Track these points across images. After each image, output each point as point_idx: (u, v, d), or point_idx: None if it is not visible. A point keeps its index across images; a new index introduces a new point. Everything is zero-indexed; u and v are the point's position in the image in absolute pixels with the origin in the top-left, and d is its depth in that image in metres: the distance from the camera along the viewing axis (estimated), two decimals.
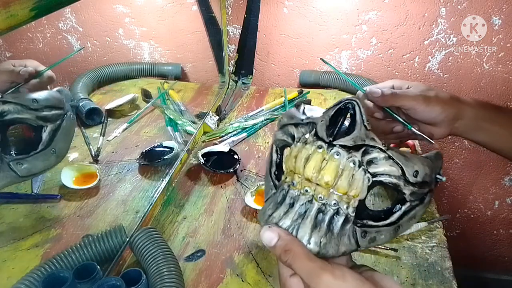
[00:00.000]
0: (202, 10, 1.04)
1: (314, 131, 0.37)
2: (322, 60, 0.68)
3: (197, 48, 1.14)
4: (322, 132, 0.36)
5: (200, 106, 1.07)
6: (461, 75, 1.12)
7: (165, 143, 0.84)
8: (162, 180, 0.76)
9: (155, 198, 0.71)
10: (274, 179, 0.43)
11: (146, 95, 0.98)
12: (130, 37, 1.07)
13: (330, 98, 1.10)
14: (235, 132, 0.96)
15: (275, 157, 0.43)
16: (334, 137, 0.35)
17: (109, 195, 0.71)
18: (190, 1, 1.08)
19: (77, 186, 0.69)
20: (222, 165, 0.81)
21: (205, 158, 0.81)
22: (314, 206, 0.35)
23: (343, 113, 0.37)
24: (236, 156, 0.83)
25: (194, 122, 0.96)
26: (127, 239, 0.59)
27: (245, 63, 1.17)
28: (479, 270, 1.47)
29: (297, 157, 0.36)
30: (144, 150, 0.81)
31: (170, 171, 0.78)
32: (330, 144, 0.35)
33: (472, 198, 1.33)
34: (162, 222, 0.70)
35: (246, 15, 1.10)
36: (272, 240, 0.34)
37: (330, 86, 1.15)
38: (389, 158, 0.35)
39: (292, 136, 0.40)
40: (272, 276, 0.59)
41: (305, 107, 0.44)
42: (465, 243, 1.42)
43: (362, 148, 0.35)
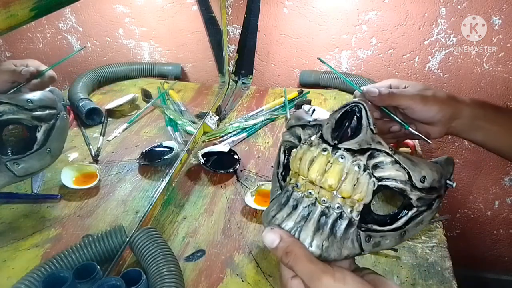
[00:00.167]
0: (202, 10, 1.04)
1: (320, 134, 0.36)
2: (319, 59, 0.68)
3: (197, 48, 1.14)
4: (327, 135, 0.36)
5: (200, 106, 1.07)
6: (461, 75, 1.12)
7: (165, 143, 0.84)
8: (162, 180, 0.76)
9: (155, 198, 0.71)
10: (281, 180, 0.43)
11: (146, 95, 0.98)
12: (130, 37, 1.07)
13: (330, 98, 1.10)
14: (235, 132, 0.96)
15: (283, 158, 0.43)
16: (340, 140, 0.35)
17: (109, 195, 0.71)
18: (190, 1, 1.08)
19: (77, 186, 0.69)
20: (222, 165, 0.81)
21: (205, 158, 0.81)
22: (317, 209, 0.35)
23: (349, 116, 0.37)
24: (236, 156, 0.83)
25: (194, 122, 0.96)
26: (127, 239, 0.59)
27: (245, 63, 1.17)
28: (479, 270, 1.47)
29: (301, 159, 0.36)
30: (144, 150, 0.81)
31: (170, 171, 0.78)
32: (335, 147, 0.35)
33: (472, 198, 1.33)
34: (162, 222, 0.70)
35: (246, 15, 1.10)
36: (274, 241, 0.34)
37: (330, 86, 1.15)
38: (395, 162, 0.34)
39: (298, 137, 0.40)
40: (272, 276, 0.59)
41: (314, 109, 0.44)
42: (465, 243, 1.42)
43: (368, 151, 0.35)
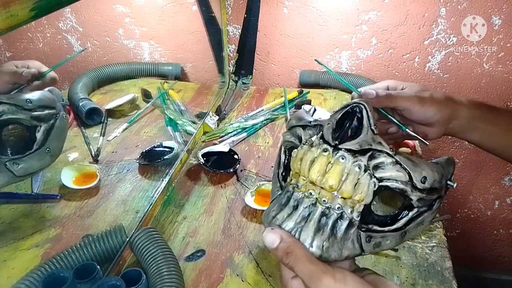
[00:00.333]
0: (202, 10, 1.04)
1: (321, 134, 0.36)
2: (316, 61, 0.68)
3: (197, 48, 1.14)
4: (328, 135, 0.36)
5: (200, 106, 1.07)
6: (461, 75, 1.12)
7: (165, 143, 0.84)
8: (162, 180, 0.76)
9: (155, 198, 0.71)
10: (281, 180, 0.43)
11: (146, 95, 0.98)
12: (130, 37, 1.07)
13: (330, 98, 1.10)
14: (235, 132, 0.96)
15: (283, 158, 0.43)
16: (340, 140, 0.35)
17: (109, 195, 0.71)
18: (190, 1, 1.08)
19: (77, 186, 0.69)
20: (222, 165, 0.81)
21: (205, 158, 0.81)
22: (318, 209, 0.35)
23: (350, 116, 0.36)
24: (236, 156, 0.83)
25: (194, 122, 0.96)
26: (127, 239, 0.59)
27: (245, 63, 1.17)
28: (479, 270, 1.47)
29: (302, 159, 0.36)
30: (144, 150, 0.81)
31: (170, 171, 0.78)
32: (336, 147, 0.35)
33: (472, 198, 1.33)
34: (162, 222, 0.70)
35: (246, 15, 1.10)
36: (274, 242, 0.34)
37: (330, 86, 1.15)
38: (396, 163, 0.34)
39: (299, 138, 0.40)
40: (272, 276, 0.59)
41: (315, 109, 0.44)
42: (465, 243, 1.42)
43: (368, 152, 0.35)
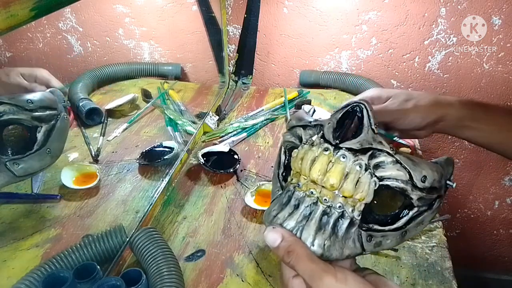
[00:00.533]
0: (202, 10, 1.04)
1: (321, 134, 0.37)
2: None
3: (197, 48, 1.14)
4: (329, 134, 0.36)
5: (200, 106, 1.07)
6: (461, 75, 1.12)
7: (165, 143, 0.84)
8: (162, 180, 0.76)
9: (155, 198, 0.71)
10: (281, 181, 0.43)
11: (146, 95, 0.98)
12: (130, 37, 1.07)
13: (330, 98, 1.10)
14: (235, 132, 0.96)
15: (283, 158, 0.43)
16: (341, 140, 0.35)
17: (109, 195, 0.71)
18: (190, 1, 1.08)
19: (77, 186, 0.69)
20: (222, 165, 0.81)
21: (205, 158, 0.81)
22: (319, 208, 0.35)
23: (351, 116, 0.37)
24: (236, 156, 0.83)
25: (194, 122, 0.96)
26: (127, 239, 0.59)
27: (245, 63, 1.17)
28: (479, 270, 1.47)
29: (303, 159, 0.36)
30: (144, 150, 0.81)
31: (170, 171, 0.78)
32: (337, 146, 0.35)
33: (472, 198, 1.33)
34: (162, 222, 0.70)
35: (246, 15, 1.10)
36: (275, 241, 0.34)
37: (330, 86, 1.15)
38: (396, 162, 0.35)
39: (300, 138, 0.40)
40: (272, 276, 0.59)
41: (315, 110, 0.44)
42: (465, 243, 1.42)
43: (369, 151, 0.35)
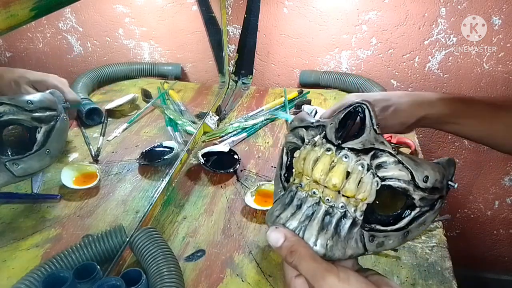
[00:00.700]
0: (202, 10, 1.04)
1: (324, 134, 0.37)
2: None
3: (197, 48, 1.14)
4: (331, 134, 0.36)
5: (200, 106, 1.07)
6: (461, 75, 1.12)
7: (165, 143, 0.84)
8: (162, 180, 0.76)
9: (155, 198, 0.71)
10: (284, 181, 0.43)
11: (146, 95, 0.98)
12: (130, 37, 1.07)
13: (330, 98, 1.10)
14: (235, 132, 0.96)
15: (285, 159, 0.43)
16: (343, 140, 0.35)
17: (109, 195, 0.71)
18: (190, 1, 1.08)
19: (77, 186, 0.69)
20: (222, 165, 0.81)
21: (205, 158, 0.81)
22: (322, 208, 0.35)
23: (353, 116, 0.37)
24: (236, 156, 0.83)
25: (194, 122, 0.96)
26: (127, 239, 0.59)
27: (245, 63, 1.17)
28: (479, 270, 1.47)
29: (305, 159, 0.36)
30: (144, 150, 0.81)
31: (170, 171, 0.78)
32: (339, 147, 0.35)
33: (472, 198, 1.33)
34: (162, 222, 0.70)
35: (246, 15, 1.10)
36: (278, 240, 0.34)
37: (330, 86, 1.15)
38: (398, 162, 0.35)
39: (302, 138, 0.40)
40: (272, 276, 0.59)
41: (317, 111, 0.43)
42: (465, 243, 1.42)
43: (371, 151, 0.35)
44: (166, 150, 0.82)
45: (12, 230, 0.61)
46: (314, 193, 0.35)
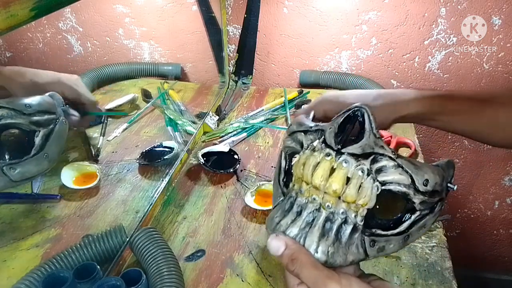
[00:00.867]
0: (202, 10, 1.04)
1: (323, 139, 0.36)
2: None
3: (197, 48, 1.14)
4: (330, 139, 0.35)
5: (200, 106, 1.07)
6: (461, 75, 1.12)
7: (165, 143, 0.84)
8: (162, 180, 0.76)
9: (155, 198, 0.71)
10: (283, 186, 0.42)
11: (146, 95, 0.98)
12: (130, 37, 1.06)
13: None
14: (235, 132, 0.96)
15: (284, 164, 0.43)
16: (343, 144, 0.35)
17: (109, 195, 0.71)
18: (190, 1, 1.08)
19: (77, 186, 0.69)
20: (222, 165, 0.81)
21: (205, 158, 0.81)
22: (322, 214, 0.35)
23: (352, 120, 0.36)
24: (236, 156, 0.83)
25: (194, 122, 0.96)
26: (127, 239, 0.59)
27: (245, 63, 1.17)
28: (479, 270, 1.47)
29: (305, 164, 0.36)
30: (144, 150, 0.81)
31: (170, 171, 0.78)
32: (339, 152, 0.35)
33: (472, 198, 1.33)
34: (162, 222, 0.70)
35: (246, 15, 1.10)
36: (279, 249, 0.34)
37: (330, 86, 1.15)
38: (398, 166, 0.34)
39: (300, 143, 0.39)
40: (272, 276, 0.59)
41: (315, 114, 0.43)
42: (465, 243, 1.42)
43: (371, 156, 0.34)
44: (166, 150, 0.82)
45: (12, 230, 0.61)
46: (314, 199, 0.35)
